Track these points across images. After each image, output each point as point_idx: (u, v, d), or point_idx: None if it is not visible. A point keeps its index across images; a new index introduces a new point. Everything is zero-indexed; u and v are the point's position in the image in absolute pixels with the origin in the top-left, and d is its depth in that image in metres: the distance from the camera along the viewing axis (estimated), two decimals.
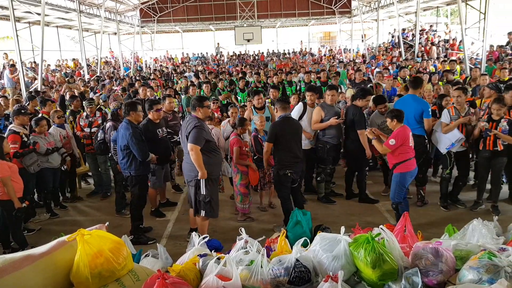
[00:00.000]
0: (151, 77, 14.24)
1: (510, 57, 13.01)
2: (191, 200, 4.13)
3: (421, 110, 4.97)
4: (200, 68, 19.41)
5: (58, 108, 6.93)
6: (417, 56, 16.17)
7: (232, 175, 4.99)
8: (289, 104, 4.63)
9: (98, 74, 16.05)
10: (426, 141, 5.06)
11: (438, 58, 16.22)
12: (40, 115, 5.92)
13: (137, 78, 13.50)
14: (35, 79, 12.07)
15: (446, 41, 18.13)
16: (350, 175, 5.70)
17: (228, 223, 5.09)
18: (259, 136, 4.99)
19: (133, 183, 4.58)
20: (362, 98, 5.24)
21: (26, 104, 6.92)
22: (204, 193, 3.90)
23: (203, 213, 4.01)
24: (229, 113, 5.93)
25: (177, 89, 11.06)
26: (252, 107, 6.08)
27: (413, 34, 18.16)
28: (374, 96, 5.69)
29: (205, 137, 3.79)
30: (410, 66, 13.14)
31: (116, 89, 9.89)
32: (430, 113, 5.02)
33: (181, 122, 6.06)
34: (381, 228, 2.37)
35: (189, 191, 4.15)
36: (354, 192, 5.76)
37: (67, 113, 6.92)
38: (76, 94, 8.25)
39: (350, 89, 7.38)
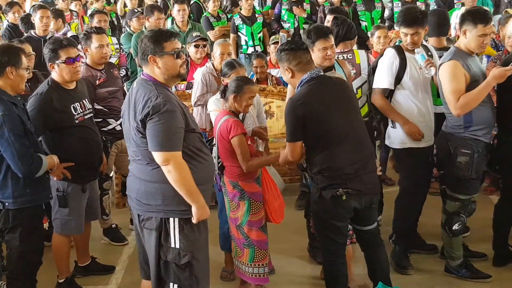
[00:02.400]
0: None
1: None
2: (145, 261, 3.95)
3: None
4: None
5: None
6: None
7: (226, 202, 4.65)
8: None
9: None
10: None
11: None
12: None
13: None
14: None
15: None
16: (506, 214, 5.15)
17: None
18: None
19: (10, 224, 4.30)
20: None
21: None
22: (178, 245, 3.70)
23: None
24: (253, 67, 6.24)
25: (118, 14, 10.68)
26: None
27: None
28: None
29: (180, 127, 3.58)
30: None
31: None
32: None
33: (125, 89, 5.95)
34: None
35: (141, 241, 3.94)
36: None
37: None
38: None
39: None
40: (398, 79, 4.85)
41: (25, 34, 7.42)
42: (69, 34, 7.74)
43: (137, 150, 3.68)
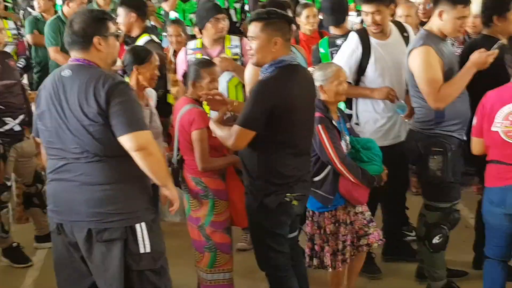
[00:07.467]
0: None
1: None
2: None
3: None
4: None
5: None
6: None
7: (186, 199, 4.57)
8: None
9: None
10: None
11: None
12: None
13: None
14: None
15: None
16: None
17: None
18: (333, 120, 4.57)
19: None
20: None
21: None
22: (149, 249, 3.60)
23: None
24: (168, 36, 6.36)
25: None
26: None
27: None
28: None
29: None
30: None
31: None
32: None
33: (24, 83, 5.83)
34: None
35: (71, 267, 3.62)
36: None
37: None
38: None
39: None
40: (360, 70, 4.79)
41: None
42: None
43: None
